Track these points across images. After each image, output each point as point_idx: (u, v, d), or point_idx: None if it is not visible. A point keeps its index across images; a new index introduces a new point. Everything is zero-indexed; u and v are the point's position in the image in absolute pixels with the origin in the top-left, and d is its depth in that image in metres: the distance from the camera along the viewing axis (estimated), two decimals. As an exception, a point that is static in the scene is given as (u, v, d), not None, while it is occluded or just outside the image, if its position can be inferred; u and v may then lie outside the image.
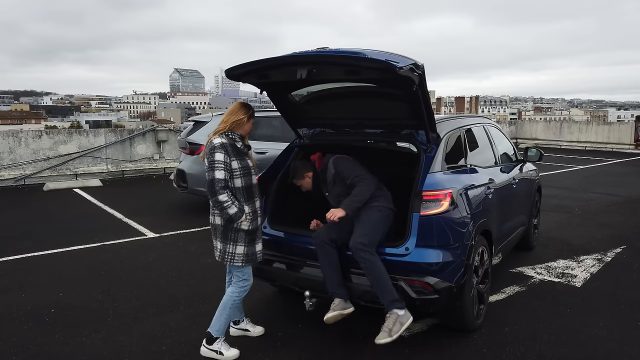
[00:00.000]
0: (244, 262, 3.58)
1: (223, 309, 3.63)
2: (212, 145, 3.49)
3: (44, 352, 3.65)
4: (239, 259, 3.57)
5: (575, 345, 3.74)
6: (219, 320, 3.61)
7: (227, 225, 3.51)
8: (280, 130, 7.81)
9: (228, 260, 3.57)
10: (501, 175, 4.87)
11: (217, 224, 3.56)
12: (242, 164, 3.54)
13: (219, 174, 3.40)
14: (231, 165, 3.47)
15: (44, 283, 5.04)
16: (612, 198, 9.74)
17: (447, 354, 3.62)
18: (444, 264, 3.50)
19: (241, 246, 3.55)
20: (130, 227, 7.33)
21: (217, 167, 3.41)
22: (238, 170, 3.50)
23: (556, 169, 14.08)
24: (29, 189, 10.62)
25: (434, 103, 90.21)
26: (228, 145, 3.49)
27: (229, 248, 3.56)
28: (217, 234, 3.60)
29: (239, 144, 3.57)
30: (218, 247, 3.62)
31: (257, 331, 3.90)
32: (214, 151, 3.45)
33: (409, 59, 3.19)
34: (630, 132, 20.11)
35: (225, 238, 3.55)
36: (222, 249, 3.58)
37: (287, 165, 4.31)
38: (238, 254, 3.56)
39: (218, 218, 3.53)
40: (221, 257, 3.61)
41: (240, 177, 3.52)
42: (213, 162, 3.42)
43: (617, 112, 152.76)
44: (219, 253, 3.62)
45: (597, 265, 5.57)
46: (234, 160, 3.49)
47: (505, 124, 24.86)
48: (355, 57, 3.22)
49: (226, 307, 3.63)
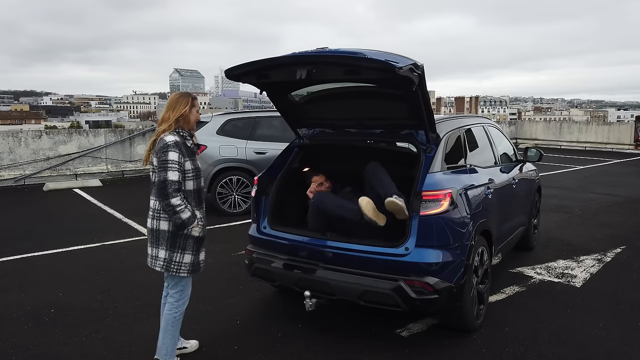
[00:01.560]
0: (189, 272, 3.29)
1: (166, 330, 3.35)
2: (164, 143, 3.14)
3: (44, 352, 3.65)
4: (185, 269, 3.26)
5: (575, 345, 3.74)
6: (164, 343, 3.35)
7: (176, 231, 3.20)
8: (280, 130, 7.82)
9: (174, 270, 3.25)
10: (501, 175, 4.88)
11: (162, 229, 3.22)
12: (194, 165, 3.26)
13: (172, 175, 3.08)
14: (184, 166, 3.18)
15: (44, 283, 5.04)
16: (612, 198, 9.74)
17: (447, 354, 3.62)
18: (443, 264, 3.50)
19: (189, 255, 3.26)
20: (130, 227, 7.34)
21: (171, 167, 3.09)
22: (191, 171, 3.23)
23: (556, 169, 14.08)
24: (29, 189, 10.62)
25: (433, 103, 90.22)
26: (181, 144, 3.18)
27: (176, 257, 3.24)
28: (160, 241, 3.24)
29: (189, 142, 3.28)
30: (160, 256, 3.25)
31: (193, 345, 3.66)
32: (167, 149, 3.11)
33: (408, 59, 3.20)
34: (630, 132, 20.12)
35: (172, 245, 3.22)
36: (168, 257, 3.23)
37: (287, 166, 4.32)
38: (185, 263, 3.25)
39: (164, 223, 3.20)
40: (165, 267, 3.25)
41: (193, 179, 3.25)
42: (166, 162, 3.09)
43: (617, 112, 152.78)
44: (162, 263, 3.25)
45: (597, 266, 5.57)
46: (187, 160, 3.20)
47: (505, 124, 24.86)
48: (355, 57, 3.22)
49: (168, 326, 3.35)
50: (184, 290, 3.39)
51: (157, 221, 3.23)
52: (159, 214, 3.22)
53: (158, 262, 3.27)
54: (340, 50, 3.35)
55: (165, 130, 3.19)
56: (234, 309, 4.39)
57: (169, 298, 3.39)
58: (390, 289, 3.45)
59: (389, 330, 3.96)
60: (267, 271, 3.97)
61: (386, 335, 3.90)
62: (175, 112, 3.22)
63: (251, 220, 4.25)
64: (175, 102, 3.26)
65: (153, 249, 3.30)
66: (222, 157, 7.92)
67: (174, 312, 3.36)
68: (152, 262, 3.31)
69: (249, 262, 4.12)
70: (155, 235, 3.26)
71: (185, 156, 3.19)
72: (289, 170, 4.32)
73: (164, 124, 3.21)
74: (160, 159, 3.12)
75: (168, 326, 3.35)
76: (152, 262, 3.31)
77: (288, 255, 3.94)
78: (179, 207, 3.11)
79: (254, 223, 4.19)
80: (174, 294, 3.37)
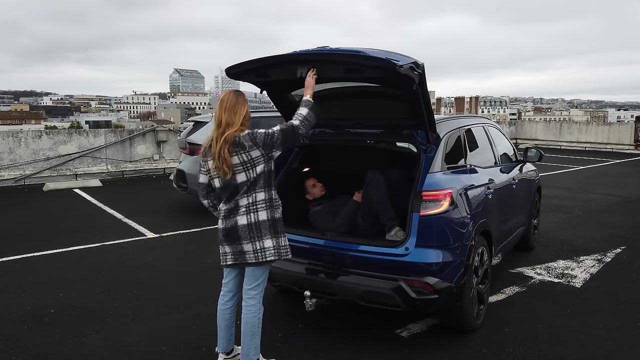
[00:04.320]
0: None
1: (252, 334, 3.21)
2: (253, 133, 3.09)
3: (44, 352, 3.65)
4: (289, 251, 3.24)
5: (575, 345, 3.74)
6: (251, 344, 3.21)
7: (278, 218, 3.19)
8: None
9: (284, 254, 3.19)
10: (501, 175, 4.88)
11: (261, 220, 3.12)
12: None
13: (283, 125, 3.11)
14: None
15: (44, 283, 5.04)
16: (612, 198, 9.74)
17: (446, 354, 3.62)
18: (443, 264, 3.50)
19: (285, 237, 3.25)
20: (130, 227, 7.33)
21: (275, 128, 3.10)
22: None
23: (556, 169, 14.08)
24: (29, 189, 10.62)
25: (433, 103, 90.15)
26: None
27: (282, 241, 3.19)
28: (262, 232, 3.13)
29: None
30: (268, 246, 3.13)
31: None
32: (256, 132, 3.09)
33: (409, 58, 3.20)
34: (630, 132, 20.12)
35: (276, 232, 3.15)
36: (276, 244, 3.15)
37: (287, 166, 4.32)
38: (288, 245, 3.24)
39: (262, 213, 3.12)
40: (276, 254, 3.15)
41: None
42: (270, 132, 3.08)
43: (617, 113, 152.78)
44: (273, 251, 3.13)
45: (597, 266, 5.57)
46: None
47: (505, 125, 24.86)
48: (356, 55, 3.22)
49: (255, 331, 3.22)
50: (263, 287, 3.26)
51: (255, 214, 3.11)
52: (254, 206, 3.11)
53: (266, 252, 3.12)
54: (341, 49, 3.36)
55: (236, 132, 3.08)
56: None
57: (251, 300, 3.21)
58: (391, 289, 3.46)
59: (389, 330, 3.96)
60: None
61: (386, 335, 3.90)
62: (239, 115, 3.11)
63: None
64: (235, 104, 3.13)
65: (253, 243, 3.12)
66: (222, 158, 7.90)
67: (259, 313, 3.23)
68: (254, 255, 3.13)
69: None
70: (254, 228, 3.11)
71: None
72: (288, 170, 4.32)
73: (231, 128, 3.09)
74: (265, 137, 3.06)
75: (255, 329, 3.21)
76: (255, 256, 3.13)
77: None
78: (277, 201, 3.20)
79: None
80: (256, 294, 3.22)
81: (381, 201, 3.88)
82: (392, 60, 3.07)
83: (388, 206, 3.86)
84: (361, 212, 4.04)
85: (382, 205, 3.87)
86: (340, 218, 4.03)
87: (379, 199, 3.88)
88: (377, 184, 3.93)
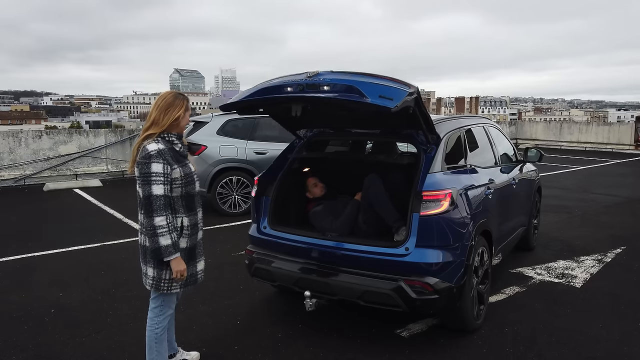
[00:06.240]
0: (182, 287, 3.02)
1: (150, 349, 3.06)
2: (146, 153, 2.78)
3: (44, 352, 3.65)
4: (176, 285, 2.96)
5: (575, 346, 3.74)
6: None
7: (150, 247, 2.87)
8: (280, 131, 7.81)
9: (165, 288, 2.94)
10: (501, 175, 4.88)
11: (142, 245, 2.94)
12: (185, 171, 2.92)
13: (157, 189, 2.76)
14: (172, 175, 2.85)
15: (44, 283, 5.04)
16: (612, 198, 9.74)
17: (447, 355, 3.62)
18: (443, 264, 3.50)
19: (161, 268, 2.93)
20: (130, 227, 7.33)
21: (155, 180, 2.76)
22: (179, 179, 2.89)
23: (556, 169, 14.08)
24: (29, 189, 10.63)
25: (434, 104, 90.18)
26: (166, 152, 2.84)
27: (165, 274, 2.91)
28: (147, 258, 2.94)
29: (177, 147, 2.93)
30: (149, 274, 2.94)
31: (194, 357, 3.49)
32: (149, 161, 2.76)
33: (402, 90, 3.13)
34: (630, 132, 20.11)
35: (160, 262, 2.87)
36: (156, 275, 2.91)
37: (287, 166, 4.32)
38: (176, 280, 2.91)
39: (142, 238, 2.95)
40: (155, 286, 2.94)
41: (182, 186, 2.91)
42: (149, 175, 2.76)
43: (617, 113, 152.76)
44: (150, 281, 2.94)
45: (597, 266, 5.57)
46: (175, 168, 2.86)
47: (505, 125, 24.85)
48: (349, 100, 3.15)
49: (152, 345, 3.05)
50: (171, 306, 3.10)
51: (144, 237, 2.91)
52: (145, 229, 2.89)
53: (147, 280, 2.98)
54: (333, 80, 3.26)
55: (153, 135, 2.86)
56: (234, 309, 4.39)
57: (149, 313, 3.07)
58: (391, 289, 3.45)
59: (389, 331, 3.96)
60: (267, 271, 3.97)
61: (386, 335, 3.90)
62: (169, 116, 2.87)
63: (251, 221, 4.25)
64: (171, 103, 2.89)
65: (142, 266, 3.00)
66: (222, 158, 7.93)
67: (157, 329, 3.04)
68: (144, 280, 3.03)
69: (249, 262, 4.12)
70: (143, 251, 2.96)
71: (173, 164, 2.86)
72: (289, 170, 4.32)
73: (155, 127, 2.86)
74: (142, 171, 2.78)
75: (152, 345, 3.05)
76: (145, 280, 3.02)
77: (288, 255, 3.94)
78: (161, 229, 2.78)
79: (254, 223, 4.19)
80: (154, 308, 3.05)
81: (383, 204, 3.87)
82: (386, 100, 3.03)
83: (391, 208, 3.86)
84: (362, 215, 4.04)
85: (385, 209, 3.86)
86: (342, 219, 4.03)
87: (381, 203, 3.88)
88: (376, 188, 3.92)
